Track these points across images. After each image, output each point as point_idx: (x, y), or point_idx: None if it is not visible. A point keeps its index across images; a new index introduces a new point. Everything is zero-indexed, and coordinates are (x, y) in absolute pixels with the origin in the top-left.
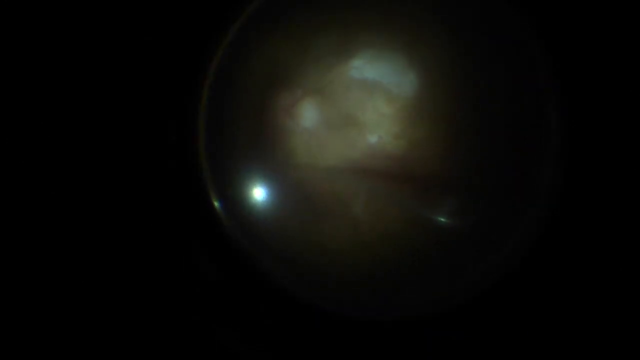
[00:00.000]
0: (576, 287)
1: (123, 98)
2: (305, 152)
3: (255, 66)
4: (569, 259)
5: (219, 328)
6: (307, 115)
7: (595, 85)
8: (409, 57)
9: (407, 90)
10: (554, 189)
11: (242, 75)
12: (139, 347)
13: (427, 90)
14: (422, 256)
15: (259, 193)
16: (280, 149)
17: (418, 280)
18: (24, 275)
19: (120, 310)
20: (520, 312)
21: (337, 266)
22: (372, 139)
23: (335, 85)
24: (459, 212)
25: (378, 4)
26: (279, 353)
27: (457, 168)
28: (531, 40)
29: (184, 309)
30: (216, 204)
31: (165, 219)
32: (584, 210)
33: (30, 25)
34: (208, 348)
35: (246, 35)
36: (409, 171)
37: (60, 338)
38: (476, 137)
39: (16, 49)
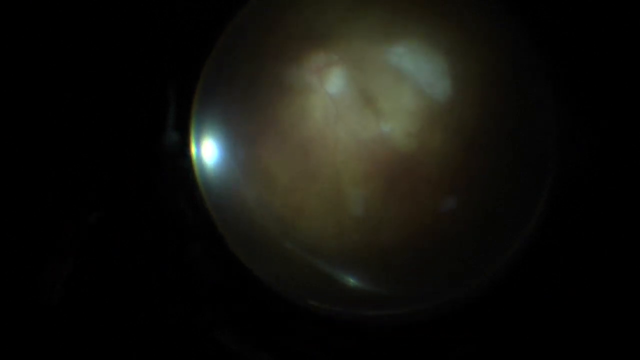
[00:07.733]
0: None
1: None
2: (319, 114)
3: (300, 19)
4: (565, 262)
5: (217, 329)
6: (334, 81)
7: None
8: (451, 62)
9: (437, 94)
10: (555, 195)
11: (282, 25)
12: (138, 349)
13: (456, 101)
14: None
15: (257, 186)
16: (297, 105)
17: (417, 280)
18: (21, 282)
19: (119, 311)
20: (516, 316)
21: (333, 265)
22: (385, 127)
23: (370, 62)
24: (451, 218)
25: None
26: (278, 354)
27: (458, 182)
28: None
29: (183, 309)
30: (215, 199)
31: (164, 218)
32: (581, 214)
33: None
34: (207, 349)
35: None
36: (410, 172)
37: (59, 340)
38: (488, 158)
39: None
